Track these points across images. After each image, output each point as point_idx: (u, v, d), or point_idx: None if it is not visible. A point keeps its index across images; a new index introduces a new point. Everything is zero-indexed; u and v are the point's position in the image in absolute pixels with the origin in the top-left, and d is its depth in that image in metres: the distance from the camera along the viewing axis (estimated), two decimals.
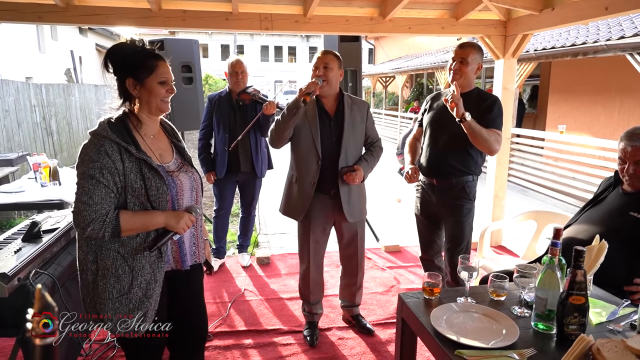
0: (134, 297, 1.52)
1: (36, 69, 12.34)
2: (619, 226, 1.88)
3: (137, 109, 1.57)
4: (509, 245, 4.34)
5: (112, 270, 1.50)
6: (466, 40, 3.27)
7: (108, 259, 1.50)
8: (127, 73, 1.52)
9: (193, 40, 4.39)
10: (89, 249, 1.52)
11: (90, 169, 1.44)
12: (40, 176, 3.80)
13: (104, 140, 1.46)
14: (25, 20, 3.33)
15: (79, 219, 1.43)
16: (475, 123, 2.38)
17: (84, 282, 1.54)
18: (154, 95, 1.55)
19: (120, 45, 1.54)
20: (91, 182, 1.44)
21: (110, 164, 1.45)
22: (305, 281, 2.74)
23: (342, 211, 2.52)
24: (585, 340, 1.23)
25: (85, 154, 1.46)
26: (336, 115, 2.49)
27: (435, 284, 1.70)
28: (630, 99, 6.72)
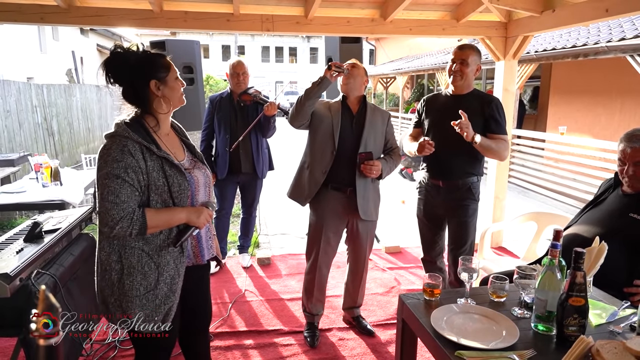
0: (160, 292, 1.56)
1: (37, 70, 12.35)
2: (619, 227, 1.89)
3: (157, 109, 1.59)
4: (509, 246, 4.34)
5: (138, 268, 1.53)
6: (466, 41, 3.27)
7: (133, 257, 1.53)
8: (150, 76, 1.55)
9: (194, 41, 4.39)
10: (112, 249, 1.53)
11: (115, 168, 1.46)
12: (42, 176, 3.82)
13: (126, 140, 1.49)
14: (28, 21, 3.34)
15: (107, 218, 1.45)
16: (485, 140, 2.42)
17: (107, 283, 1.54)
18: (175, 90, 1.61)
19: (123, 54, 1.54)
20: (117, 182, 1.46)
21: (134, 163, 1.48)
22: (310, 282, 2.73)
23: (356, 210, 2.52)
24: (585, 342, 1.24)
25: (108, 154, 1.48)
26: (358, 114, 2.55)
27: (435, 285, 1.71)
28: (631, 101, 6.72)
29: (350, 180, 2.50)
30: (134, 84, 1.55)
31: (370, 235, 2.72)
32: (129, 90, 1.57)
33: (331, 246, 2.68)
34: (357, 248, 2.72)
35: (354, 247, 2.74)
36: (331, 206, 2.57)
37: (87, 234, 2.64)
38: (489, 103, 2.56)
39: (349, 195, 2.53)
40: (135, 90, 1.56)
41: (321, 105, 2.55)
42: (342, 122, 2.49)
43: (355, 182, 2.50)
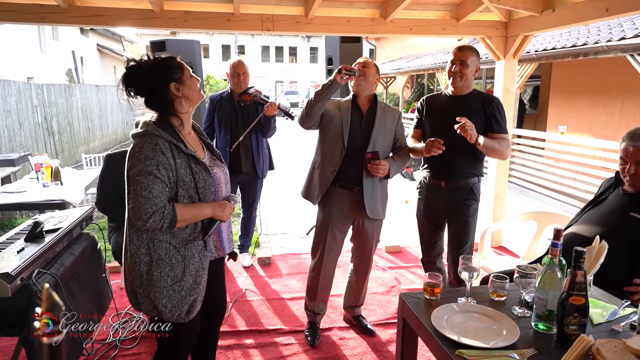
0: (186, 284, 1.65)
1: (38, 69, 12.35)
2: (620, 226, 1.89)
3: (180, 110, 1.67)
4: (509, 245, 4.34)
5: (166, 260, 1.61)
6: (466, 41, 3.27)
7: (161, 249, 1.61)
8: (168, 80, 1.63)
9: (195, 40, 4.40)
10: (141, 242, 1.61)
11: (148, 166, 1.54)
12: (42, 176, 3.82)
13: (157, 139, 1.57)
14: (28, 21, 3.34)
15: (140, 213, 1.52)
16: (487, 141, 2.44)
17: (136, 274, 1.62)
18: (193, 88, 1.69)
19: (135, 67, 1.62)
20: (149, 178, 1.53)
21: (165, 160, 1.56)
22: (314, 279, 2.73)
23: (363, 208, 2.53)
24: (585, 341, 1.24)
25: (141, 152, 1.55)
26: (368, 113, 2.55)
27: (436, 285, 1.71)
28: (631, 100, 6.72)
29: (358, 179, 2.51)
30: (154, 90, 1.63)
31: (376, 234, 2.72)
32: (151, 97, 1.65)
33: (337, 243, 2.68)
34: (362, 246, 2.73)
35: (359, 246, 2.74)
36: (338, 204, 2.58)
37: (88, 234, 2.64)
38: (489, 102, 2.57)
39: (356, 194, 2.54)
40: (157, 97, 1.64)
41: (331, 104, 2.55)
42: (351, 121, 2.50)
43: (362, 181, 2.51)
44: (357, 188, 2.53)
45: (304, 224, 5.02)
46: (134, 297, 1.67)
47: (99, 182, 3.00)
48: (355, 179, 2.51)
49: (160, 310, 1.63)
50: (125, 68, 1.63)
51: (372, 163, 2.44)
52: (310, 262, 2.77)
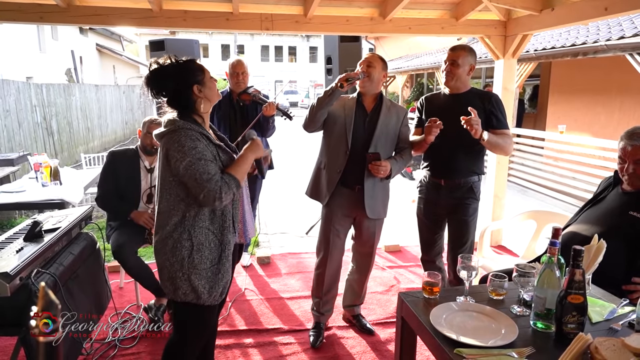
0: (222, 267, 1.78)
1: (37, 69, 12.34)
2: (618, 225, 1.89)
3: (200, 110, 1.77)
4: (508, 244, 4.34)
5: (206, 244, 1.74)
6: (466, 40, 3.27)
7: (201, 235, 1.73)
8: (191, 82, 1.73)
9: (194, 40, 4.40)
10: (184, 229, 1.72)
11: (196, 153, 1.65)
12: (41, 176, 3.82)
13: (190, 130, 1.68)
14: (27, 21, 3.34)
15: (211, 195, 1.64)
16: (492, 136, 2.44)
17: (177, 259, 1.72)
18: (213, 89, 1.81)
19: (160, 69, 1.72)
20: (201, 163, 1.65)
21: (204, 145, 1.70)
22: (319, 278, 2.73)
23: (364, 207, 2.54)
24: (584, 339, 1.24)
25: (182, 146, 1.65)
26: (372, 112, 2.54)
27: (434, 283, 1.71)
28: (630, 99, 6.72)
29: (359, 178, 2.52)
30: (178, 92, 1.73)
31: (377, 233, 2.72)
32: (174, 98, 1.74)
33: (340, 238, 2.68)
34: (363, 245, 2.73)
35: (361, 244, 2.75)
36: (339, 202, 2.59)
37: (87, 233, 2.64)
38: (488, 99, 2.57)
39: (357, 193, 2.54)
40: (180, 97, 1.74)
41: (336, 104, 2.52)
42: (355, 121, 2.49)
43: (363, 180, 2.51)
44: (358, 187, 2.53)
45: (304, 224, 5.02)
46: (170, 283, 1.75)
47: (100, 178, 3.00)
48: (358, 178, 2.52)
49: (199, 292, 1.74)
50: (149, 70, 1.72)
51: (373, 164, 2.43)
52: (315, 260, 2.76)
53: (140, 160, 3.01)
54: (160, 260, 1.77)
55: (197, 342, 1.89)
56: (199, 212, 1.72)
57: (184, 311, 1.82)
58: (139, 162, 3.00)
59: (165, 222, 1.74)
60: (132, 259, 2.80)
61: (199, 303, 1.76)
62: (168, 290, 1.78)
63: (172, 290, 1.77)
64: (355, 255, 2.82)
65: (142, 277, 2.85)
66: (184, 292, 1.74)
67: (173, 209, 1.72)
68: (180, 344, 1.87)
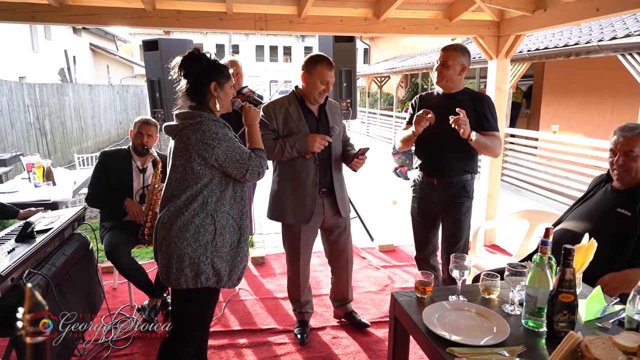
0: (241, 251, 1.90)
1: (30, 69, 12.26)
2: (606, 223, 1.91)
3: (210, 106, 1.87)
4: (502, 244, 4.36)
5: (227, 228, 1.85)
6: (460, 41, 3.29)
7: (223, 219, 1.84)
8: (212, 78, 1.83)
9: (187, 40, 4.39)
10: (207, 213, 1.81)
11: (229, 138, 1.81)
12: (34, 176, 3.80)
13: (216, 121, 1.83)
14: (19, 20, 3.32)
15: (257, 169, 1.86)
16: (480, 137, 2.45)
17: (200, 244, 1.80)
18: (228, 96, 1.92)
19: (197, 55, 1.84)
20: (237, 145, 1.83)
21: (229, 131, 1.86)
22: (294, 284, 2.75)
23: (331, 208, 2.59)
24: (574, 337, 1.25)
25: (217, 132, 1.78)
26: (320, 114, 2.55)
27: (427, 283, 1.71)
28: (622, 99, 6.77)
29: (326, 182, 2.56)
30: (198, 80, 1.83)
31: (347, 230, 2.74)
32: (194, 86, 1.84)
33: (309, 245, 2.70)
34: (337, 243, 2.73)
35: (333, 246, 2.75)
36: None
37: (80, 234, 2.63)
38: (480, 100, 2.59)
39: (323, 195, 2.57)
40: (197, 87, 1.84)
41: (284, 119, 2.47)
42: (310, 130, 2.48)
43: (332, 183, 2.56)
44: (324, 190, 2.56)
45: None
46: (191, 269, 1.79)
47: (91, 177, 2.98)
48: (326, 182, 2.56)
49: (222, 275, 1.84)
50: (187, 52, 1.84)
51: (360, 158, 2.51)
52: (288, 269, 2.77)
53: (132, 160, 3.00)
54: (179, 248, 1.79)
55: (198, 336, 1.94)
56: (220, 197, 1.83)
57: (199, 298, 1.87)
58: (131, 163, 2.99)
59: (182, 210, 1.80)
60: (125, 260, 2.79)
61: (218, 287, 1.87)
62: (187, 278, 1.80)
63: (192, 277, 1.80)
64: (330, 257, 2.82)
65: (135, 277, 2.84)
66: (207, 276, 1.81)
67: (193, 197, 1.80)
68: (181, 339, 1.89)
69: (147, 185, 2.98)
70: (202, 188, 1.80)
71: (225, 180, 1.85)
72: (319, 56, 2.45)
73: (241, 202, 1.90)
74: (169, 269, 1.82)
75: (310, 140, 2.39)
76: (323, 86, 2.42)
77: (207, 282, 1.82)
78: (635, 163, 1.90)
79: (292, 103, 2.50)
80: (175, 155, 1.83)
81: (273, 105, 2.50)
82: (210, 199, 1.80)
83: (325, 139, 2.42)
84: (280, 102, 2.51)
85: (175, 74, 1.85)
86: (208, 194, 1.80)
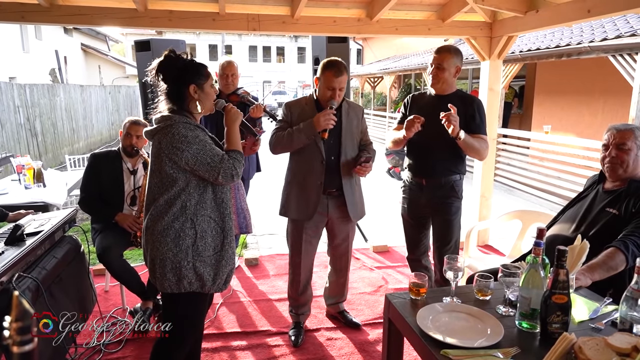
0: (226, 254, 1.84)
1: (20, 69, 12.14)
2: (597, 223, 1.93)
3: (191, 109, 1.84)
4: (495, 244, 4.38)
5: (209, 232, 1.80)
6: (452, 41, 3.29)
7: (204, 222, 1.79)
8: (190, 81, 1.80)
9: (180, 40, 4.37)
10: (186, 217, 1.76)
11: (198, 141, 1.75)
12: (24, 178, 3.76)
13: (187, 123, 1.77)
14: (8, 20, 3.27)
15: (229, 171, 1.77)
16: (468, 137, 2.45)
17: (181, 249, 1.75)
18: (209, 97, 1.87)
19: (173, 58, 1.80)
20: (209, 147, 1.76)
21: (202, 133, 1.80)
22: (294, 282, 2.75)
23: (337, 210, 2.60)
24: (568, 339, 1.25)
25: (186, 135, 1.73)
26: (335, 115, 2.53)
27: (421, 284, 1.71)
28: (613, 100, 6.83)
29: (335, 183, 2.56)
30: (177, 84, 1.80)
31: (351, 232, 2.76)
32: (173, 89, 1.81)
33: (312, 245, 2.71)
34: (338, 246, 2.76)
35: (335, 246, 2.77)
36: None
37: (71, 237, 2.60)
38: (470, 103, 2.59)
39: (331, 196, 2.58)
40: (177, 90, 1.81)
41: (299, 115, 2.52)
42: None
43: (341, 184, 2.56)
44: (330, 190, 2.57)
45: None
46: (173, 275, 1.76)
47: (82, 181, 2.95)
48: (335, 183, 2.56)
49: (205, 280, 1.78)
50: (164, 55, 1.81)
51: (362, 165, 2.50)
52: (289, 268, 2.78)
53: (122, 162, 2.97)
54: (161, 253, 1.76)
55: (190, 338, 1.90)
56: (200, 200, 1.78)
57: (184, 303, 1.82)
58: (122, 164, 2.96)
59: (162, 214, 1.77)
60: (116, 262, 2.76)
61: (203, 291, 1.81)
62: (170, 282, 1.77)
63: (175, 282, 1.77)
64: (332, 258, 2.84)
65: (127, 280, 2.82)
66: (189, 281, 1.77)
67: (173, 201, 1.76)
68: (173, 342, 1.86)
69: (138, 187, 2.95)
70: (179, 192, 1.76)
71: (203, 183, 1.80)
72: (329, 62, 2.46)
73: (222, 204, 1.84)
74: (154, 273, 1.81)
75: (315, 120, 2.39)
76: (329, 92, 2.43)
77: (190, 286, 1.78)
78: (627, 156, 1.93)
79: (309, 103, 2.56)
80: (152, 159, 1.82)
81: (291, 104, 2.61)
82: (189, 203, 1.76)
83: (330, 113, 2.38)
84: (299, 102, 2.62)
85: (153, 77, 1.82)
86: (186, 198, 1.76)
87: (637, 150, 1.94)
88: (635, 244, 1.77)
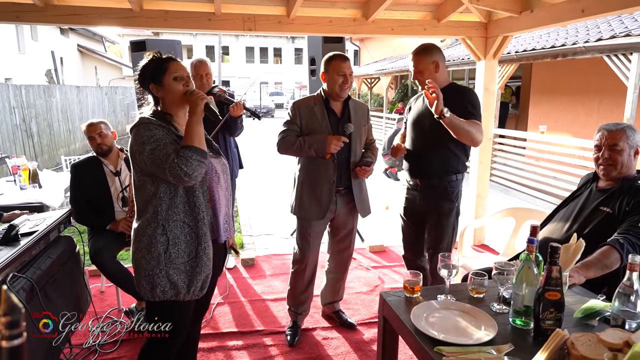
0: (200, 260, 1.75)
1: (16, 70, 12.11)
2: (591, 221, 1.94)
3: (169, 109, 1.78)
4: (491, 243, 4.39)
5: (182, 238, 1.72)
6: (448, 41, 3.29)
7: (177, 228, 1.71)
8: (149, 81, 1.75)
9: (176, 40, 4.36)
10: (157, 223, 1.69)
11: (152, 142, 1.64)
12: (20, 179, 3.74)
13: (149, 124, 1.69)
14: (3, 20, 3.26)
15: (175, 172, 1.60)
16: (455, 117, 2.35)
17: (153, 256, 1.69)
18: (172, 91, 1.74)
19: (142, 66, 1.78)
20: (161, 147, 1.63)
21: (161, 132, 1.69)
22: (298, 278, 2.74)
23: (344, 207, 2.64)
24: (561, 335, 1.26)
25: (141, 136, 1.65)
26: (343, 116, 2.58)
27: (416, 283, 1.72)
28: (608, 100, 6.86)
29: (344, 181, 2.60)
30: (142, 87, 1.79)
31: (355, 228, 2.79)
32: (145, 94, 1.82)
33: (318, 241, 2.72)
34: (341, 243, 2.78)
35: (338, 243, 2.78)
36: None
37: (66, 237, 2.59)
38: (462, 94, 2.54)
39: (342, 196, 2.62)
40: (148, 94, 1.80)
41: (308, 117, 2.53)
42: (332, 131, 2.52)
43: (350, 183, 2.60)
44: (339, 189, 2.60)
45: (288, 225, 5.00)
46: (147, 282, 1.71)
47: (70, 194, 2.93)
48: (344, 182, 2.60)
49: (179, 287, 1.72)
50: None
51: (362, 168, 2.55)
52: (295, 264, 2.77)
53: (103, 165, 2.95)
54: (136, 259, 1.74)
55: (174, 342, 1.85)
56: (171, 205, 1.70)
57: (162, 311, 1.77)
58: (103, 168, 2.94)
59: (138, 219, 1.74)
60: (109, 264, 2.75)
61: (178, 299, 1.74)
62: (145, 290, 1.73)
63: (149, 290, 1.72)
64: (333, 254, 2.85)
65: (121, 281, 2.80)
66: (162, 289, 1.70)
67: (146, 206, 1.71)
68: (157, 347, 1.83)
69: (126, 186, 2.94)
70: (150, 196, 1.70)
71: (172, 187, 1.70)
72: (332, 54, 2.53)
73: (195, 208, 1.73)
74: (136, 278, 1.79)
75: (327, 141, 2.43)
76: (341, 78, 2.47)
77: (164, 295, 1.71)
78: (620, 156, 1.93)
79: (317, 102, 2.57)
80: None
81: (300, 104, 2.60)
82: (160, 208, 1.68)
83: (342, 140, 2.44)
84: (307, 101, 2.61)
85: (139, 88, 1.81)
86: (157, 203, 1.69)
87: (629, 150, 1.95)
88: (630, 242, 1.78)
